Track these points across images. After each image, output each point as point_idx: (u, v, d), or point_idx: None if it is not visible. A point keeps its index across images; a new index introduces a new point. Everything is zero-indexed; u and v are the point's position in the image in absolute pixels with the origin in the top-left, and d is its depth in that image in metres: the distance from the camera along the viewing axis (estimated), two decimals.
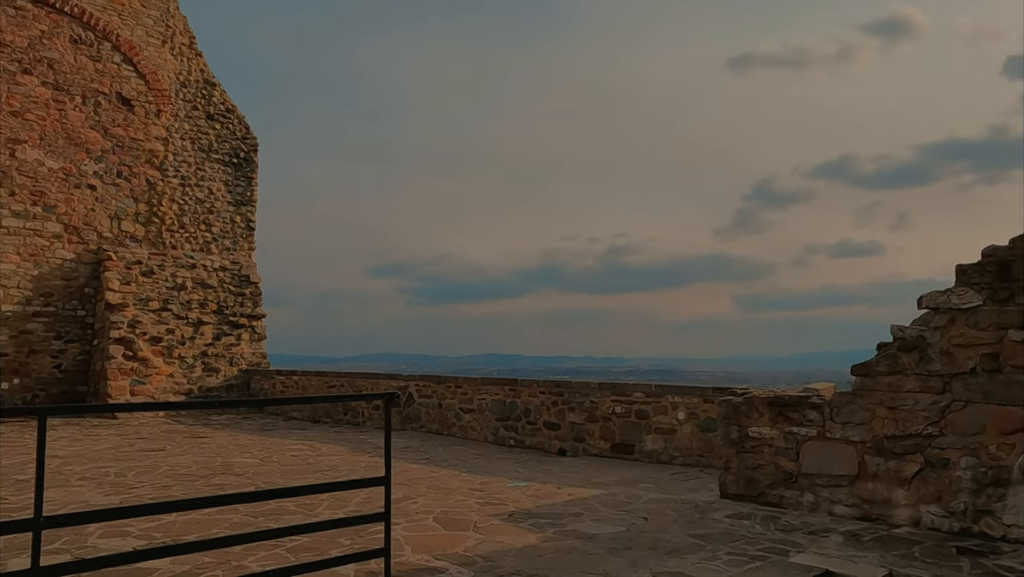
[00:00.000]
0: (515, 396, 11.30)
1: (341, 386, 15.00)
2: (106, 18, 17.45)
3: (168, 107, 18.34)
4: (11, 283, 15.99)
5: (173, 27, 18.60)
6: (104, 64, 17.41)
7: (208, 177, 18.92)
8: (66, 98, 16.84)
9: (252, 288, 18.72)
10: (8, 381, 15.81)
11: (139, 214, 17.77)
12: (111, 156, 17.39)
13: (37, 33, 16.54)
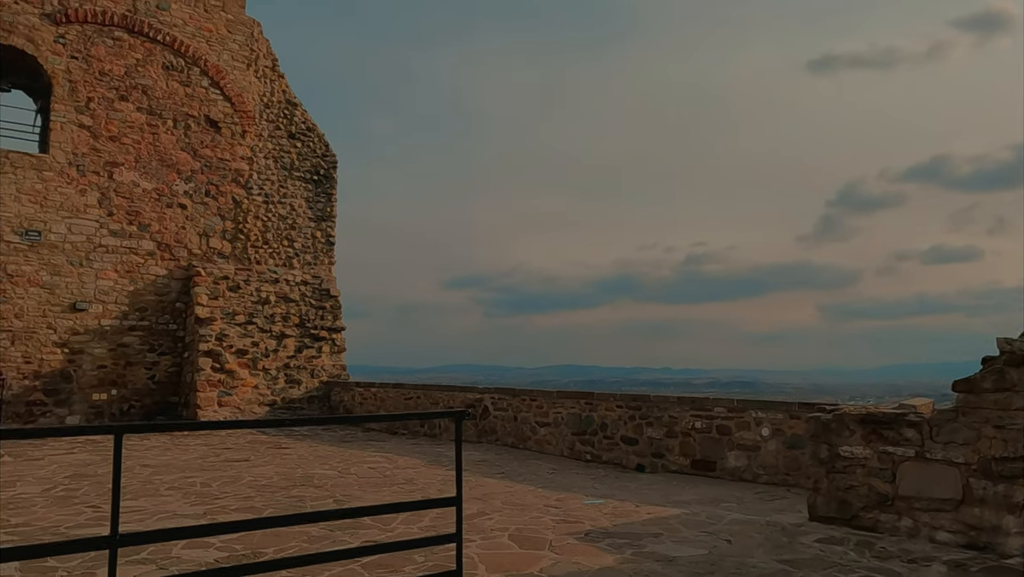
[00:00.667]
0: (591, 410, 11.11)
1: (418, 398, 15.12)
2: (195, 45, 18.28)
3: (252, 128, 19.04)
4: (109, 299, 16.86)
5: (257, 51, 19.32)
6: (193, 88, 18.23)
7: (290, 194, 19.51)
8: (159, 122, 17.70)
9: (332, 301, 19.15)
10: (107, 392, 16.64)
11: (226, 231, 18.47)
12: (200, 176, 18.16)
13: (133, 62, 17.46)
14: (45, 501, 7.49)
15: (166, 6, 17.97)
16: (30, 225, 16.03)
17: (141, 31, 17.56)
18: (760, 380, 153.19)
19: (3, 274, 15.70)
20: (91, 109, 16.87)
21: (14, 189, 15.91)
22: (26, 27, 16.24)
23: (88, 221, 16.71)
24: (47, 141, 16.57)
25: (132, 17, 17.49)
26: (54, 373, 16.12)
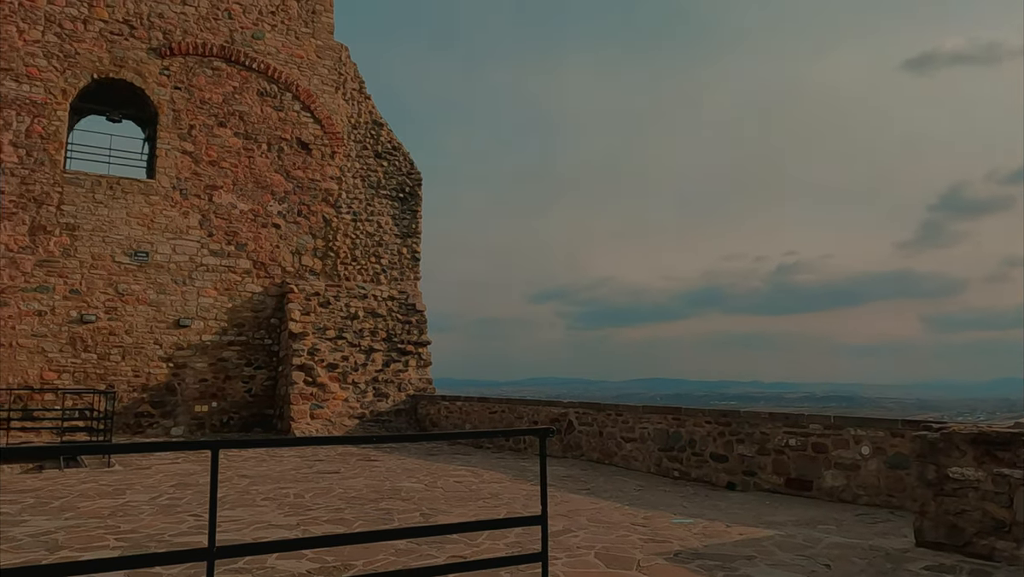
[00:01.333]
0: (679, 425, 10.85)
1: (502, 412, 15.16)
2: (287, 71, 19.08)
3: (341, 148, 19.68)
4: (210, 315, 17.71)
5: (345, 74, 19.99)
6: (286, 113, 19.01)
7: (377, 212, 20.04)
8: (254, 146, 18.54)
9: (418, 316, 19.50)
10: (208, 404, 17.45)
11: (317, 249, 19.12)
12: (292, 196, 18.89)
13: (230, 89, 18.37)
14: (152, 509, 7.88)
15: (260, 35, 18.84)
16: (139, 247, 17.05)
17: (238, 60, 18.47)
18: (858, 394, 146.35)
19: (115, 293, 16.73)
20: (193, 136, 17.84)
21: (124, 213, 16.97)
22: (135, 61, 17.35)
23: (190, 242, 17.63)
24: (153, 167, 17.62)
25: (230, 47, 18.42)
26: (160, 386, 17.03)
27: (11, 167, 15.98)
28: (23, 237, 15.97)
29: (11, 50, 16.15)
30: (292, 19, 19.35)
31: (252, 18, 18.81)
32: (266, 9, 19.01)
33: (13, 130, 16.05)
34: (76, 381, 16.08)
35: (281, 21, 19.18)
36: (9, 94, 16.05)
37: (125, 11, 17.36)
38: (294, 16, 19.38)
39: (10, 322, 15.68)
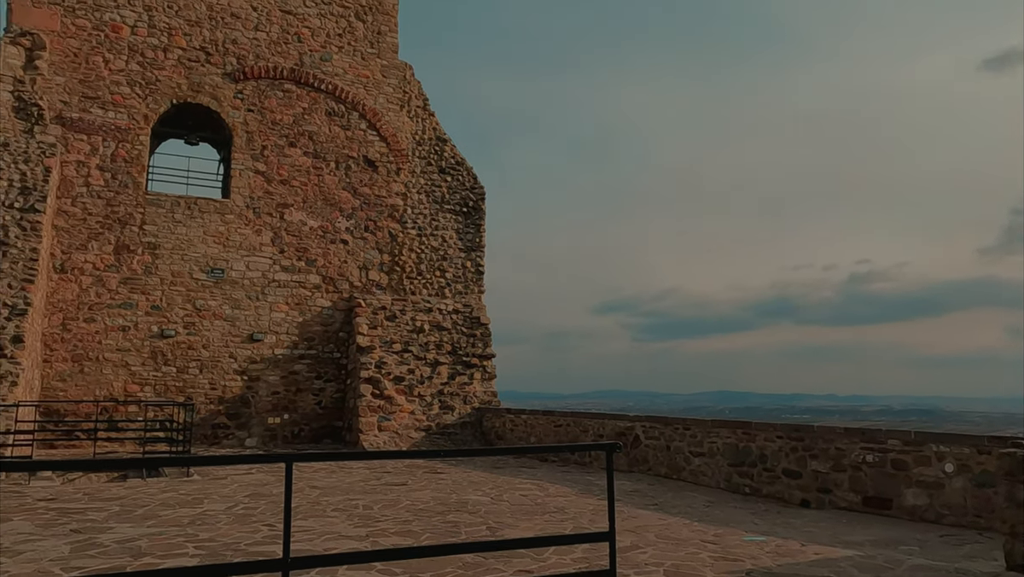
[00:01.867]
0: (748, 440, 10.59)
1: (567, 425, 15.09)
2: (354, 91, 19.58)
3: (406, 165, 20.05)
4: (282, 329, 18.23)
5: (409, 92, 20.39)
6: (353, 131, 19.50)
7: (441, 227, 20.30)
8: (323, 164, 19.07)
9: (482, 329, 19.62)
10: (280, 416, 17.94)
11: (383, 264, 19.49)
12: (359, 213, 19.33)
13: (300, 110, 18.97)
14: (228, 518, 8.14)
15: (328, 57, 19.41)
16: (215, 264, 17.72)
17: (307, 82, 19.07)
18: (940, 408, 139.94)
19: (193, 308, 17.41)
20: (265, 156, 18.47)
21: (201, 232, 17.66)
22: (211, 86, 18.10)
23: (263, 258, 18.21)
24: (228, 187, 18.31)
25: (299, 70, 19.03)
26: (235, 398, 17.60)
27: (98, 190, 16.85)
28: (109, 256, 16.79)
29: (98, 79, 17.07)
30: (358, 40, 19.87)
31: (320, 41, 19.40)
32: (333, 32, 19.58)
33: (100, 155, 16.93)
34: (157, 393, 16.77)
35: (348, 43, 19.71)
36: (96, 121, 16.95)
37: (202, 39, 18.15)
38: (360, 37, 19.90)
39: (97, 337, 16.48)
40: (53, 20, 16.78)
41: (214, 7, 18.36)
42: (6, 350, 13.41)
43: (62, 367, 16.12)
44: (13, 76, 16.25)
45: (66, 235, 16.51)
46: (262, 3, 18.87)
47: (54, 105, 16.61)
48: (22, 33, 16.41)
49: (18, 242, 14.71)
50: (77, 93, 16.86)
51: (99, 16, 17.21)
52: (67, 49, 16.86)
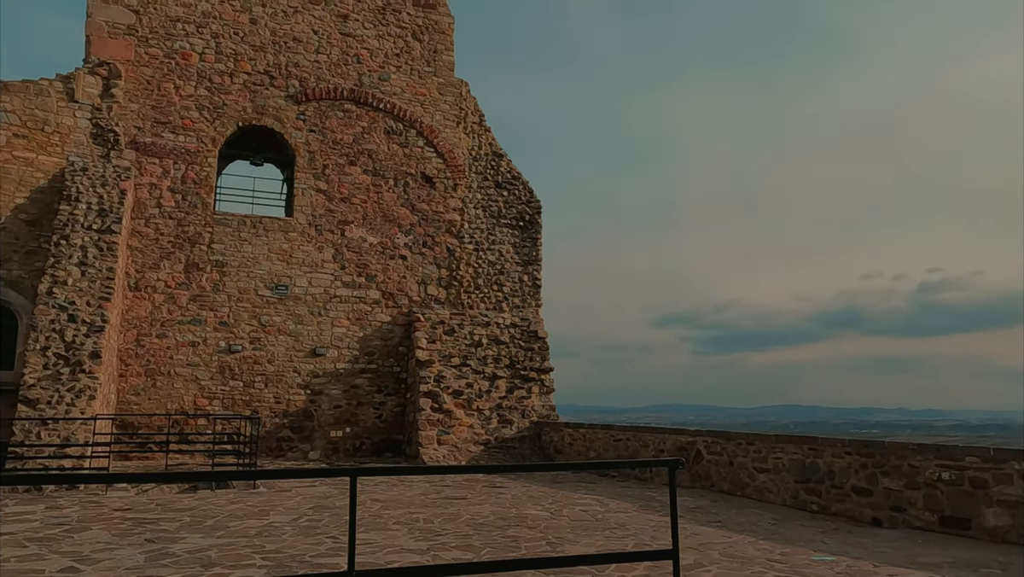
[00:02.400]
0: (815, 456, 10.28)
1: (627, 440, 14.92)
2: (411, 109, 19.94)
3: (463, 180, 20.27)
4: (343, 344, 18.58)
5: (465, 108, 20.65)
6: (411, 148, 19.84)
7: (498, 241, 20.43)
8: (382, 181, 19.44)
9: (540, 343, 19.61)
10: (342, 430, 18.25)
11: (441, 279, 19.70)
12: (418, 229, 19.61)
13: (359, 129, 19.40)
14: (293, 530, 8.30)
15: (387, 76, 19.82)
16: (279, 281, 18.20)
17: (366, 102, 19.50)
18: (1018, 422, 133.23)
19: (258, 324, 17.90)
20: (326, 175, 18.94)
21: (266, 249, 18.19)
22: (275, 109, 18.68)
23: (325, 275, 18.63)
24: (291, 206, 18.82)
25: (358, 90, 19.49)
26: (298, 412, 17.99)
27: (169, 210, 17.54)
28: (180, 274, 17.43)
29: (169, 105, 17.80)
30: (415, 59, 20.24)
31: (379, 61, 19.83)
32: (391, 52, 19.99)
33: (171, 177, 17.63)
34: (225, 407, 17.27)
35: (405, 62, 20.10)
36: (167, 144, 17.67)
37: (266, 63, 18.76)
38: (417, 57, 20.27)
39: (168, 352, 17.09)
40: (128, 50, 17.60)
41: (277, 32, 18.97)
42: (85, 365, 14.02)
43: (136, 381, 16.76)
44: (91, 104, 17.08)
45: (140, 254, 17.20)
46: (323, 27, 19.42)
47: (128, 130, 17.39)
48: (100, 63, 17.25)
49: (96, 262, 15.41)
50: (150, 118, 17.61)
51: (170, 45, 17.98)
52: (140, 77, 17.64)
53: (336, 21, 19.59)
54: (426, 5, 20.58)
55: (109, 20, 17.52)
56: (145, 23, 17.82)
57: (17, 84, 16.59)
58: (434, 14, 20.64)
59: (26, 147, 16.43)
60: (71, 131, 16.87)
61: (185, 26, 18.15)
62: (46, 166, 16.55)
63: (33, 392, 13.46)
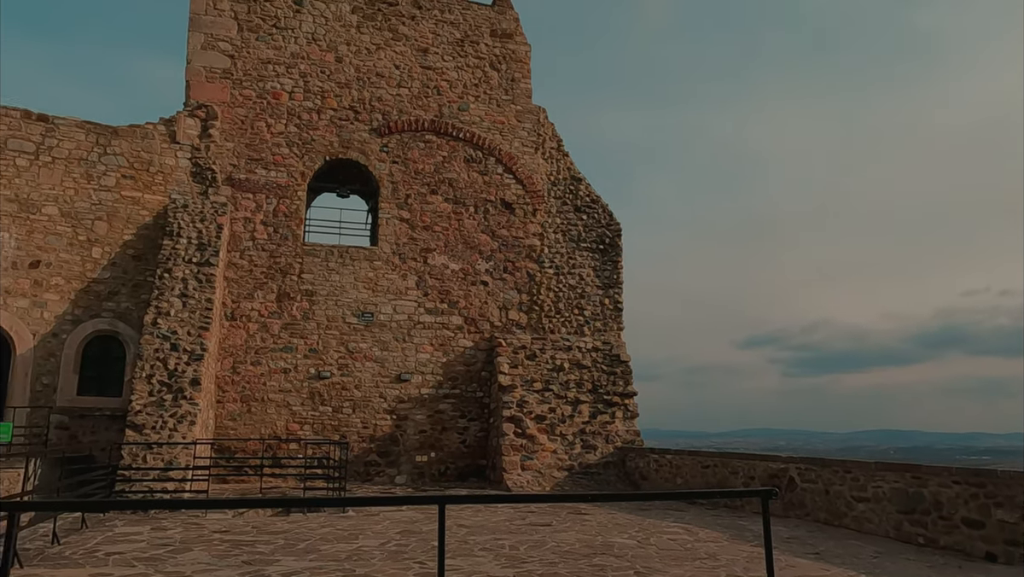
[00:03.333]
0: (919, 485, 9.73)
1: (715, 466, 14.52)
2: (490, 137, 20.27)
3: (542, 206, 20.40)
4: (427, 370, 18.88)
5: (543, 135, 20.84)
6: (490, 176, 20.14)
7: (578, 265, 20.40)
8: (462, 209, 19.78)
9: (623, 367, 19.39)
10: (427, 454, 18.47)
11: (522, 303, 19.80)
12: (498, 255, 19.82)
13: (440, 159, 19.85)
14: (381, 555, 8.43)
15: (465, 107, 20.25)
16: (365, 308, 18.70)
17: (446, 132, 19.96)
18: None
19: (346, 351, 18.41)
20: (409, 204, 19.42)
21: (352, 278, 18.74)
22: (359, 142, 19.35)
23: (409, 302, 19.03)
24: (376, 235, 19.36)
25: (439, 121, 19.97)
26: (385, 437, 18.33)
27: (262, 243, 18.33)
28: (272, 303, 18.15)
29: (261, 142, 18.69)
30: (493, 89, 20.61)
31: (458, 92, 20.29)
32: (470, 82, 20.43)
33: (264, 211, 18.45)
34: (315, 432, 17.78)
35: (483, 92, 20.49)
36: (260, 180, 18.53)
37: (351, 99, 19.48)
38: (495, 86, 20.63)
39: (262, 379, 17.77)
40: (224, 92, 18.62)
41: (361, 69, 19.69)
42: (186, 392, 14.74)
43: (232, 407, 17.48)
44: (191, 145, 18.12)
45: (235, 285, 18.02)
46: (404, 61, 20.04)
47: (225, 168, 18.33)
48: (198, 106, 18.31)
49: (195, 293, 16.24)
50: (244, 156, 18.53)
51: (262, 85, 18.92)
52: (235, 117, 18.61)
53: (416, 55, 20.18)
54: (503, 35, 20.97)
55: (207, 65, 18.61)
56: (239, 66, 18.83)
57: (125, 129, 17.77)
58: (511, 43, 21.00)
59: (133, 187, 17.54)
60: (173, 170, 17.92)
61: (276, 67, 19.08)
62: (151, 204, 17.61)
63: (139, 418, 14.23)
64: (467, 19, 20.76)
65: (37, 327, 16.29)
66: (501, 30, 20.98)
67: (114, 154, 17.48)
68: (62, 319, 16.52)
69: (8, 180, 16.47)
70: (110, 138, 17.52)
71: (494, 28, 20.95)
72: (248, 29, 19.04)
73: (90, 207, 17.09)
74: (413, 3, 20.38)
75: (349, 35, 19.78)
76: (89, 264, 16.92)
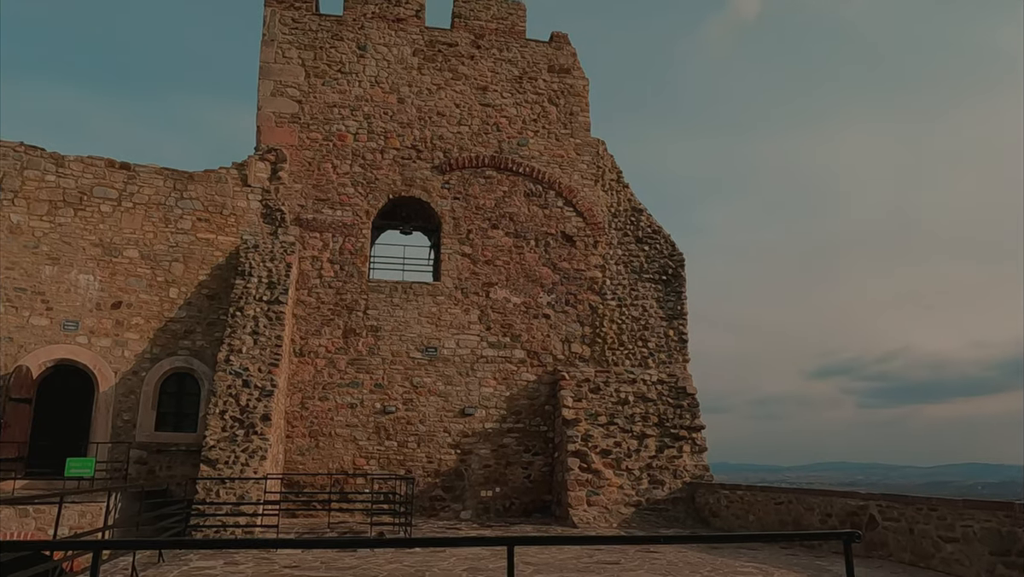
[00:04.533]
0: (1014, 524, 9.15)
1: (789, 503, 13.99)
2: (550, 171, 20.41)
3: (603, 237, 20.34)
4: (491, 404, 18.88)
5: (603, 167, 20.87)
6: (550, 209, 20.23)
7: (641, 296, 20.20)
8: (523, 243, 19.89)
9: (689, 400, 18.99)
10: (492, 489, 18.38)
11: (584, 336, 19.68)
12: (560, 287, 19.80)
13: (500, 194, 20.06)
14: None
15: (525, 142, 20.47)
16: (429, 343, 18.89)
17: (506, 167, 20.20)
18: None
19: (410, 386, 18.58)
20: (470, 239, 19.64)
21: (416, 313, 18.98)
22: (421, 180, 19.74)
23: (471, 336, 19.14)
24: (439, 270, 19.62)
25: (499, 156, 20.24)
26: (449, 472, 18.34)
27: (329, 280, 18.79)
28: (339, 340, 18.52)
29: (328, 183, 19.27)
30: (552, 123, 20.80)
31: (517, 128, 20.55)
32: (528, 118, 20.68)
33: (330, 249, 18.94)
34: (381, 466, 17.93)
35: (542, 127, 20.70)
36: (327, 219, 19.06)
37: (412, 138, 19.95)
38: (553, 120, 20.82)
39: (329, 414, 18.07)
40: (292, 136, 19.32)
41: (422, 109, 20.17)
42: (257, 427, 15.10)
43: (301, 442, 17.80)
44: (262, 187, 18.81)
45: (303, 322, 18.47)
46: (464, 100, 20.44)
47: (293, 208, 18.94)
48: (268, 150, 19.04)
49: (266, 331, 16.71)
50: (311, 196, 19.12)
51: (328, 128, 19.56)
52: (303, 159, 19.26)
53: (476, 93, 20.57)
54: (561, 71, 21.20)
55: (276, 111, 19.37)
56: (306, 111, 19.53)
57: (200, 174, 18.58)
58: (569, 78, 21.21)
59: (207, 229, 18.27)
60: (245, 212, 18.61)
61: (341, 110, 19.72)
62: (224, 245, 18.29)
63: (213, 453, 14.63)
64: (525, 56, 21.08)
65: (118, 365, 17.01)
66: (559, 66, 21.22)
67: (190, 198, 18.27)
68: (141, 357, 17.21)
69: (93, 226, 17.38)
70: (186, 183, 18.34)
71: (552, 64, 21.20)
72: (315, 75, 19.77)
73: (168, 249, 17.86)
74: (472, 43, 20.84)
75: (410, 76, 20.32)
76: (167, 304, 17.63)
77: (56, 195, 17.27)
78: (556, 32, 21.53)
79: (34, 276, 16.81)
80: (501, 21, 21.17)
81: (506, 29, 21.14)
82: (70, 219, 17.26)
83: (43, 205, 17.15)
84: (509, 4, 21.35)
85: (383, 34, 20.41)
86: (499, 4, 21.26)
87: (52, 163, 17.40)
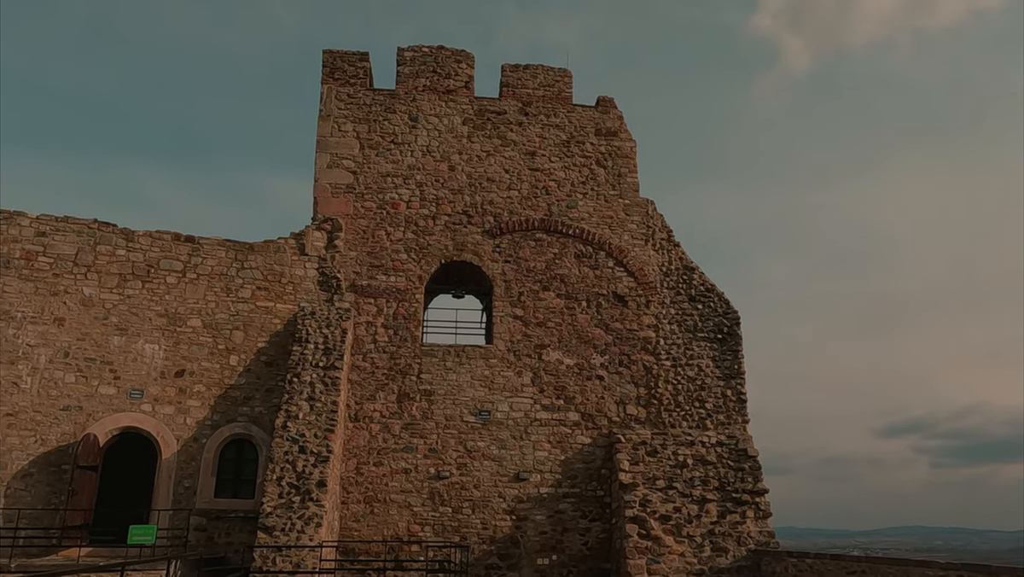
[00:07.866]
0: None
1: (862, 573, 13.28)
2: (600, 232, 20.50)
3: (655, 297, 20.19)
4: (545, 468, 18.60)
5: (652, 226, 20.87)
6: (601, 270, 20.24)
7: (696, 355, 19.85)
8: (575, 304, 19.87)
9: (751, 462, 18.39)
10: (548, 557, 17.94)
11: (639, 397, 19.36)
12: (613, 348, 19.63)
13: (551, 256, 20.19)
14: None
15: (574, 204, 20.68)
16: (481, 406, 18.84)
17: (556, 229, 20.38)
18: None
19: (463, 450, 18.48)
20: (522, 302, 19.73)
21: (469, 377, 19.01)
22: (472, 244, 20.04)
23: (524, 399, 19.03)
24: (491, 333, 19.70)
25: (548, 219, 20.46)
26: (504, 538, 18.00)
27: (383, 345, 19.02)
28: (393, 404, 18.62)
29: (381, 250, 19.71)
30: (600, 185, 21.00)
31: (566, 191, 20.80)
32: (577, 181, 20.93)
33: (384, 314, 19.24)
34: (435, 533, 17.72)
35: (591, 188, 20.91)
36: (380, 285, 19.43)
37: (463, 204, 20.35)
38: (602, 182, 21.02)
39: (384, 480, 18.04)
40: (347, 205, 19.92)
41: (473, 175, 20.63)
42: (313, 494, 15.16)
43: (356, 508, 17.76)
44: (318, 256, 19.35)
45: (358, 387, 18.66)
46: (513, 165, 20.85)
47: (348, 275, 19.38)
48: (325, 220, 19.64)
49: (321, 396, 16.93)
50: (366, 263, 19.56)
51: (382, 197, 20.12)
52: (358, 228, 19.79)
53: (525, 159, 20.96)
54: (608, 133, 21.49)
55: (332, 182, 20.05)
56: (361, 181, 20.17)
57: (260, 244, 19.23)
58: (616, 140, 21.47)
59: (266, 297, 18.80)
60: (302, 280, 19.11)
61: (394, 180, 20.30)
62: (281, 312, 18.76)
63: (270, 520, 14.71)
64: (572, 121, 21.47)
65: (180, 432, 17.39)
66: (605, 129, 21.53)
67: (250, 268, 18.88)
68: (202, 424, 17.57)
69: (159, 296, 18.07)
70: (247, 253, 18.99)
71: (599, 127, 21.52)
72: (369, 147, 20.48)
73: (228, 318, 18.40)
74: (520, 111, 21.35)
75: (461, 145, 20.86)
76: (227, 371, 18.05)
77: (126, 268, 18.05)
78: (602, 96, 21.91)
79: (103, 346, 17.46)
80: (548, 88, 21.67)
81: (553, 96, 21.63)
82: (138, 291, 17.98)
83: (113, 278, 17.92)
84: (556, 72, 21.88)
85: (434, 105, 21.08)
86: (546, 72, 21.80)
87: (123, 238, 18.25)
